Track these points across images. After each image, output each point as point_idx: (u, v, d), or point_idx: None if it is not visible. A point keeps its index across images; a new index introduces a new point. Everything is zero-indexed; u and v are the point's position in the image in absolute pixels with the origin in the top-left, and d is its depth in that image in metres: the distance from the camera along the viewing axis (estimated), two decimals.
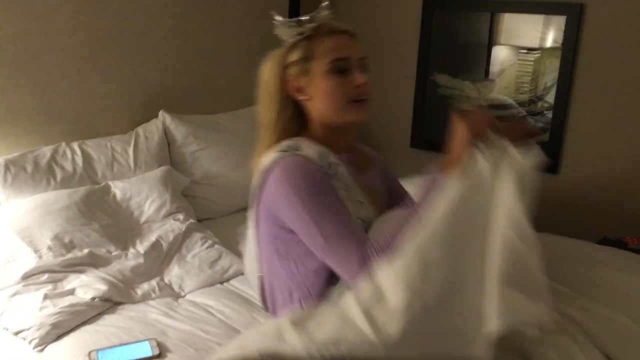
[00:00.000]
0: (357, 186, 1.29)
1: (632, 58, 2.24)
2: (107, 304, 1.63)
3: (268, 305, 1.37)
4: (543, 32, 2.45)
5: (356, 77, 1.26)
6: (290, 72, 1.30)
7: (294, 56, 1.31)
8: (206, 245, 1.95)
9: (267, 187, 1.23)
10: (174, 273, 1.82)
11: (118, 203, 1.97)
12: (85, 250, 1.78)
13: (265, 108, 1.33)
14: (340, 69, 1.26)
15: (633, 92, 2.27)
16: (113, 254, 1.81)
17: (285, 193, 1.18)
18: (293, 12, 2.78)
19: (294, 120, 1.32)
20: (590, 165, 2.42)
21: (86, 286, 1.65)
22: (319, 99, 1.28)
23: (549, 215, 2.53)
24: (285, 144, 1.27)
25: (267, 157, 1.26)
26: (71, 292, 1.64)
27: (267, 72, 1.35)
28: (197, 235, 1.99)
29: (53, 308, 1.54)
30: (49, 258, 1.72)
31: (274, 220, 1.24)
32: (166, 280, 1.79)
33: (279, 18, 1.37)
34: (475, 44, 2.66)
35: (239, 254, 1.98)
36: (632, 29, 2.22)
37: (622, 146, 2.33)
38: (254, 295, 1.75)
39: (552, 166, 2.49)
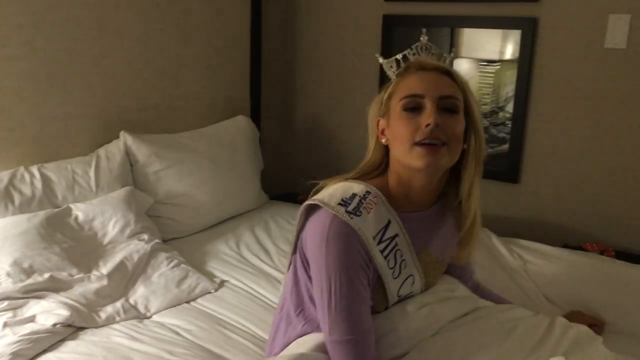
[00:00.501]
0: (415, 258, 1.22)
1: (585, 69, 2.32)
2: (70, 330, 1.58)
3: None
4: (502, 45, 2.51)
5: (425, 116, 1.13)
6: (379, 114, 1.23)
7: (386, 95, 1.23)
8: (172, 264, 1.93)
9: (307, 234, 1.19)
10: (139, 293, 1.79)
11: (80, 225, 1.94)
12: (46, 275, 1.73)
13: (368, 147, 1.27)
14: (410, 106, 1.14)
15: (586, 103, 2.34)
16: (75, 277, 1.77)
17: (323, 255, 1.13)
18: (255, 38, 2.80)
19: (380, 165, 1.25)
20: (549, 175, 2.48)
21: (47, 312, 1.60)
22: (392, 141, 1.18)
23: (511, 224, 2.58)
24: (357, 190, 1.17)
25: (327, 200, 1.15)
26: (31, 319, 1.59)
27: (370, 112, 1.26)
28: (163, 255, 1.97)
29: (13, 336, 1.48)
30: (8, 284, 1.67)
31: (305, 266, 1.22)
32: (131, 301, 1.75)
33: (380, 59, 1.28)
34: None
35: (205, 273, 1.97)
36: (584, 41, 2.30)
37: (578, 155, 2.40)
38: (223, 313, 1.74)
39: (512, 176, 2.55)
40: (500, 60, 2.54)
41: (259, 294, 1.85)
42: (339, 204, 1.15)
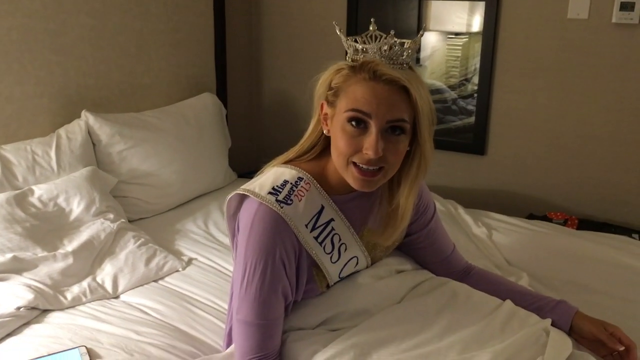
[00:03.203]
0: (356, 238, 1.21)
1: (548, 40, 2.34)
2: (34, 313, 1.56)
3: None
4: (469, 18, 2.52)
5: (367, 142, 1.05)
6: (327, 96, 1.14)
7: (335, 81, 1.12)
8: (139, 243, 1.90)
9: (239, 221, 1.18)
10: (106, 272, 1.76)
11: (44, 202, 1.89)
12: (9, 255, 1.69)
13: (310, 124, 1.21)
14: (355, 123, 1.07)
15: (550, 74, 2.37)
16: (39, 255, 1.73)
17: (245, 239, 1.13)
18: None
19: (317, 145, 1.21)
20: (514, 146, 2.51)
21: (10, 295, 1.57)
22: (332, 143, 1.13)
23: (477, 195, 2.61)
24: (289, 177, 1.16)
25: (258, 189, 1.14)
26: None
27: (317, 87, 1.17)
28: (130, 234, 1.94)
29: None
30: None
31: None
32: (98, 280, 1.73)
33: (338, 32, 1.19)
34: (405, 31, 2.70)
35: (173, 252, 1.95)
36: (547, 12, 2.32)
37: (542, 126, 2.43)
38: (191, 290, 1.73)
39: (478, 148, 2.57)
40: (468, 33, 2.54)
41: (228, 270, 1.84)
42: (270, 192, 1.14)
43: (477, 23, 2.49)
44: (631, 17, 2.15)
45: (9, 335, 1.48)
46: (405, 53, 1.10)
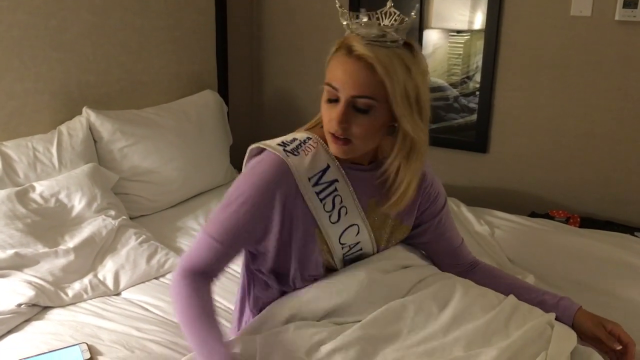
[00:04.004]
0: (358, 206, 1.23)
1: (551, 38, 2.33)
2: (35, 309, 1.56)
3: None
4: (471, 15, 2.51)
5: (334, 112, 1.12)
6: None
7: (328, 57, 1.18)
8: (140, 240, 1.90)
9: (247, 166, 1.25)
10: (107, 268, 1.76)
11: (45, 199, 1.89)
12: (10, 252, 1.69)
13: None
14: (329, 96, 1.14)
15: (552, 71, 2.36)
16: (41, 251, 1.73)
17: (246, 172, 1.20)
18: None
19: None
20: (516, 144, 2.50)
21: (11, 292, 1.57)
22: None
23: (480, 193, 2.61)
24: (299, 136, 1.23)
25: (269, 142, 1.21)
26: None
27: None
28: (131, 231, 1.94)
29: None
30: None
31: None
32: (100, 277, 1.73)
33: (337, 5, 1.19)
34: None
35: (175, 249, 1.95)
36: (550, 9, 2.31)
37: (545, 124, 2.42)
38: None
39: (481, 146, 2.57)
40: (470, 30, 2.53)
41: (229, 267, 1.84)
42: (278, 144, 1.21)
43: (479, 20, 2.48)
44: (634, 14, 2.14)
45: (9, 332, 1.47)
46: (381, 32, 1.11)
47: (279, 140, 1.22)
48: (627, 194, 2.33)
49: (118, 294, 1.70)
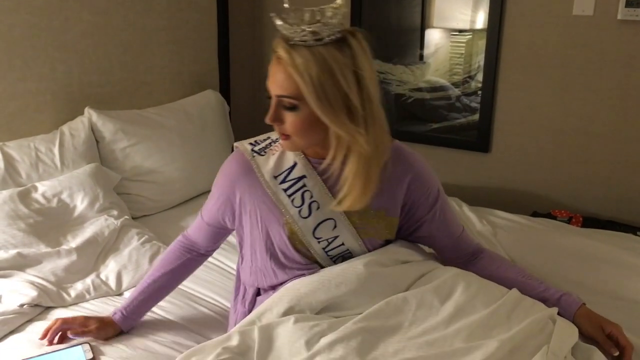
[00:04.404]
0: (332, 199, 1.23)
1: (553, 37, 2.32)
2: (38, 310, 1.56)
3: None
4: (473, 14, 2.50)
5: (270, 110, 1.18)
6: None
7: None
8: (143, 240, 1.90)
9: None
10: (110, 268, 1.76)
11: (47, 199, 1.89)
12: (13, 252, 1.69)
13: None
14: (268, 97, 1.19)
15: (554, 71, 2.35)
16: (43, 251, 1.73)
17: (219, 171, 1.37)
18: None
19: None
20: (518, 143, 2.50)
21: (14, 292, 1.57)
22: None
23: (482, 192, 2.60)
24: (273, 135, 1.32)
25: (243, 141, 1.34)
26: None
27: None
28: (133, 231, 1.94)
29: None
30: None
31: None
32: (102, 277, 1.73)
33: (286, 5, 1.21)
34: (408, 28, 2.69)
35: None
36: (552, 9, 2.30)
37: (547, 123, 2.42)
38: (194, 288, 1.73)
39: (483, 146, 2.56)
40: (472, 30, 2.53)
41: (231, 268, 1.84)
42: (250, 143, 1.33)
43: (481, 20, 2.48)
44: (637, 13, 2.14)
45: (12, 332, 1.47)
46: (302, 31, 1.11)
47: (252, 139, 1.35)
48: (630, 193, 2.32)
49: (120, 294, 1.70)
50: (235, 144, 1.35)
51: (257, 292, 1.39)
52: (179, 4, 2.58)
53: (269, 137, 1.34)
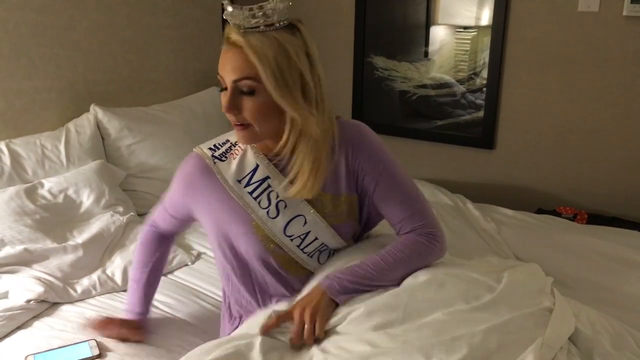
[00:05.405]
0: (300, 199, 1.23)
1: (559, 34, 2.32)
2: (44, 305, 1.57)
3: None
4: (478, 11, 2.50)
5: (225, 99, 1.16)
6: None
7: None
8: None
9: None
10: (116, 264, 1.77)
11: (54, 195, 1.90)
12: (19, 247, 1.70)
13: None
14: (220, 86, 1.18)
15: (559, 67, 2.35)
16: (49, 247, 1.74)
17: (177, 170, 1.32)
18: None
19: None
20: (523, 140, 2.50)
21: (20, 288, 1.58)
22: None
23: (486, 189, 2.60)
24: (228, 138, 1.29)
25: (203, 145, 1.28)
26: (4, 295, 1.57)
27: None
28: (139, 227, 1.95)
29: None
30: None
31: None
32: (108, 273, 1.74)
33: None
34: (413, 25, 2.69)
35: (182, 246, 1.96)
36: (557, 5, 2.30)
37: (552, 120, 2.41)
38: (200, 285, 1.74)
39: (487, 142, 2.56)
40: (477, 27, 2.52)
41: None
42: (210, 148, 1.28)
43: (486, 16, 2.47)
44: None
45: (18, 327, 1.49)
46: (254, 17, 1.13)
47: (211, 144, 1.29)
48: (635, 190, 2.32)
49: (126, 290, 1.71)
50: (194, 149, 1.30)
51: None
52: (184, 2, 2.58)
53: (228, 141, 1.30)
